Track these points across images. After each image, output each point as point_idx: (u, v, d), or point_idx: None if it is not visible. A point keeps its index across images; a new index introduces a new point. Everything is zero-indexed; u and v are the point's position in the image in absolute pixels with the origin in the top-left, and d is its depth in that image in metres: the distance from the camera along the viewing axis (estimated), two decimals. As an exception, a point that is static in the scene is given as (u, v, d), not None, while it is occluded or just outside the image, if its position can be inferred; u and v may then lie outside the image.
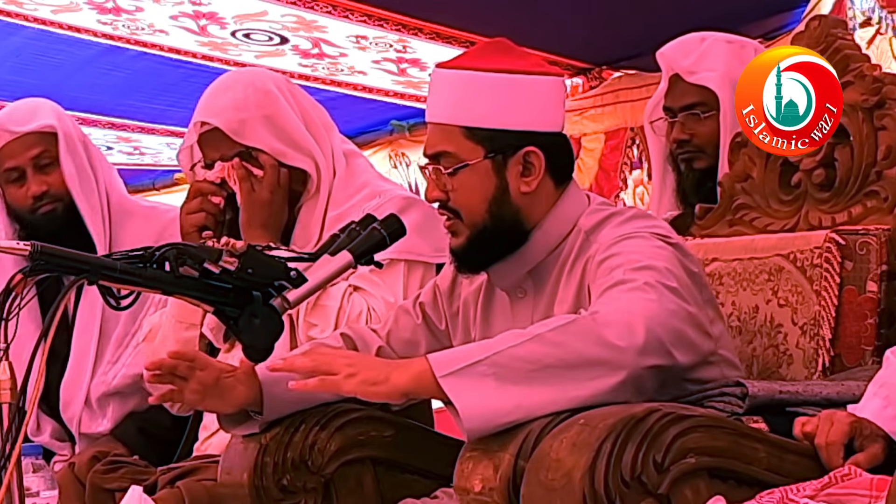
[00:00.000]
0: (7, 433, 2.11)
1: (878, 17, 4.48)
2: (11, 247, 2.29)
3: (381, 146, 7.08)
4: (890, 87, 2.66)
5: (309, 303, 2.91)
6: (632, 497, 1.99)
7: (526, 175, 2.41)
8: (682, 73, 3.37)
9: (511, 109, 2.40)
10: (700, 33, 3.44)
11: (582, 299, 2.37)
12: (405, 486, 2.64)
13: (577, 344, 2.08)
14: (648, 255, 2.27)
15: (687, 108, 3.37)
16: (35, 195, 3.46)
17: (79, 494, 3.21)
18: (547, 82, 2.44)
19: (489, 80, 2.40)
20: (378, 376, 2.12)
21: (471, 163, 2.40)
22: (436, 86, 2.48)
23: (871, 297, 2.58)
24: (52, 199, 3.47)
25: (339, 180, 3.12)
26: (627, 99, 5.89)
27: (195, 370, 2.42)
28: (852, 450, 2.11)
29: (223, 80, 3.16)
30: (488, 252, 2.45)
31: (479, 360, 2.07)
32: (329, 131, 3.17)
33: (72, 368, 3.48)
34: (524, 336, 2.10)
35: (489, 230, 2.42)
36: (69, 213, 3.48)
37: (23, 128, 3.47)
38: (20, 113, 3.52)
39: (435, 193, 2.44)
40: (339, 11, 5.42)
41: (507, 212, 2.41)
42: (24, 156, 3.46)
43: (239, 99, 3.06)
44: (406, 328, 2.63)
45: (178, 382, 2.42)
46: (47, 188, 3.46)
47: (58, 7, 5.49)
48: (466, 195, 2.41)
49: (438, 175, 2.43)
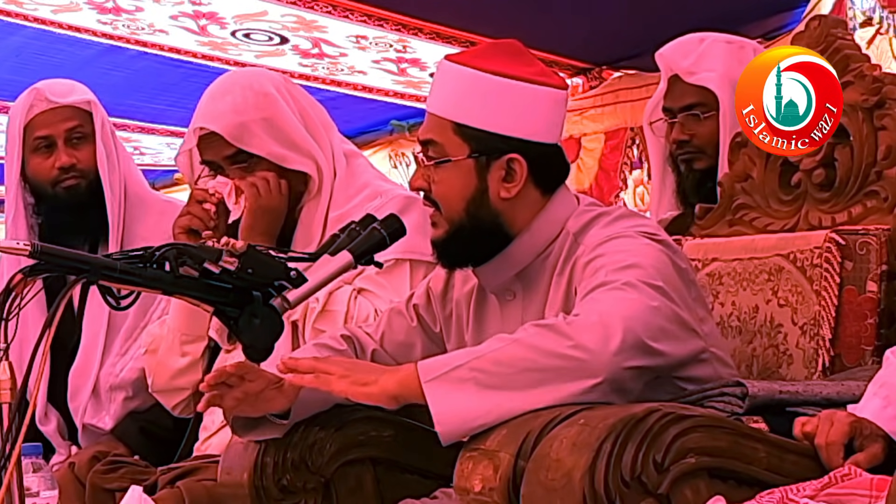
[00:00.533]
0: (7, 433, 2.11)
1: (880, 16, 4.48)
2: (11, 247, 2.29)
3: (381, 146, 7.09)
4: (890, 87, 2.66)
5: (314, 309, 2.92)
6: (632, 497, 1.99)
7: (507, 181, 2.41)
8: (682, 73, 3.37)
9: (503, 114, 2.40)
10: (699, 34, 3.44)
11: (571, 302, 2.37)
12: (405, 486, 2.64)
13: (552, 347, 2.09)
14: (633, 255, 2.27)
15: (686, 109, 3.37)
16: (63, 166, 3.47)
17: (79, 494, 3.21)
18: (546, 93, 2.43)
19: (487, 82, 2.40)
20: (368, 378, 2.19)
21: (454, 159, 2.41)
22: (439, 77, 2.49)
23: (871, 297, 2.58)
24: (78, 174, 3.49)
25: (340, 181, 3.13)
26: (627, 99, 5.88)
27: (244, 380, 2.41)
28: (852, 450, 2.11)
29: (221, 82, 3.16)
30: (466, 249, 2.45)
31: (459, 365, 2.11)
32: (329, 131, 3.17)
33: (80, 358, 3.49)
34: (506, 340, 2.13)
35: (466, 229, 2.43)
36: (90, 191, 3.50)
37: (61, 99, 3.50)
38: (60, 86, 3.56)
39: (418, 182, 2.46)
40: (339, 11, 5.42)
41: (484, 214, 2.42)
42: (59, 126, 3.49)
43: (238, 103, 3.06)
44: (400, 330, 2.63)
45: (223, 389, 2.41)
46: (76, 162, 3.49)
47: (58, 7, 5.50)
48: (445, 190, 2.43)
49: (424, 165, 2.45)
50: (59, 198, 3.49)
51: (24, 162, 3.52)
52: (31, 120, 3.50)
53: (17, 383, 2.14)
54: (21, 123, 3.50)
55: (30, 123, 3.50)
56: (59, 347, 3.44)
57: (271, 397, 2.43)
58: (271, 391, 2.43)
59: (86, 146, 3.50)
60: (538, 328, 2.13)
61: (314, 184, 3.09)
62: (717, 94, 3.30)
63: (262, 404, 2.44)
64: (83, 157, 3.50)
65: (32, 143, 3.50)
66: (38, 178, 3.51)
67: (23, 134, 3.50)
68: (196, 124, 3.09)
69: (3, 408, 2.14)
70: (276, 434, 2.51)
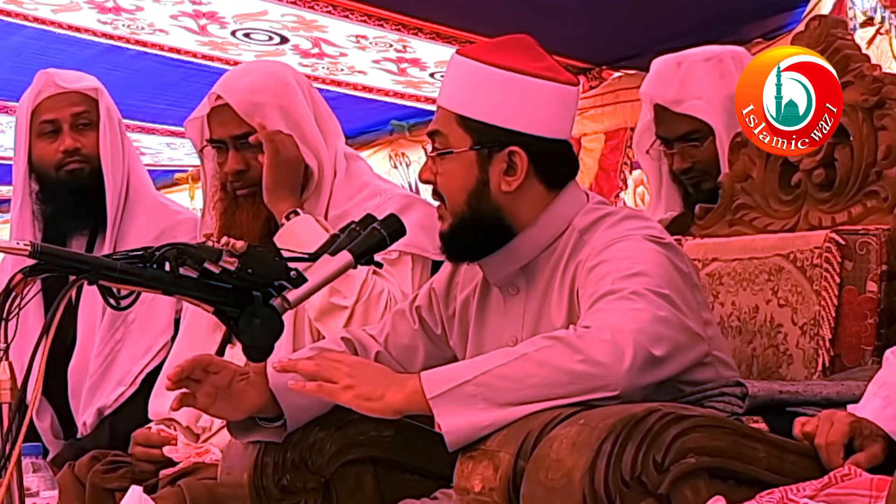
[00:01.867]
0: (7, 433, 2.11)
1: (881, 16, 4.48)
2: (11, 247, 2.29)
3: (381, 146, 7.09)
4: (890, 87, 2.66)
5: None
6: (632, 497, 1.99)
7: (509, 174, 2.41)
8: (669, 105, 3.29)
9: (506, 107, 2.41)
10: (674, 56, 3.35)
11: (572, 301, 2.37)
12: (405, 486, 2.64)
13: (562, 363, 2.09)
14: (639, 260, 2.27)
15: (682, 138, 3.31)
16: (67, 149, 3.49)
17: (79, 494, 3.21)
18: (552, 88, 2.43)
19: (492, 75, 2.41)
20: (374, 392, 2.17)
21: (456, 150, 2.42)
22: (448, 70, 2.51)
23: (871, 297, 2.58)
24: (81, 158, 3.51)
25: (340, 181, 3.15)
26: (627, 99, 5.88)
27: (209, 373, 2.41)
28: (852, 450, 2.11)
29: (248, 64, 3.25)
30: (470, 242, 2.46)
31: (466, 381, 2.10)
32: (336, 139, 3.21)
33: (77, 355, 3.49)
34: (512, 355, 2.12)
35: (468, 221, 2.43)
36: (92, 177, 3.51)
37: (70, 85, 3.53)
38: (68, 73, 3.60)
39: (425, 174, 2.48)
40: (339, 11, 5.42)
41: (485, 206, 2.42)
42: (65, 111, 3.51)
43: (258, 83, 3.10)
44: (404, 334, 2.64)
45: (192, 386, 2.42)
46: (80, 146, 3.50)
47: (58, 7, 5.50)
48: (448, 181, 2.44)
49: (431, 156, 2.47)
50: (62, 181, 3.51)
51: (30, 148, 3.53)
52: (39, 104, 3.52)
53: (17, 383, 2.14)
54: (29, 108, 3.53)
55: (37, 108, 3.52)
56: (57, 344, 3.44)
57: (242, 390, 2.43)
58: (240, 384, 2.43)
59: (91, 132, 3.52)
60: (547, 341, 2.12)
61: (313, 181, 3.10)
62: (708, 121, 3.24)
63: (237, 400, 2.43)
64: (88, 142, 3.52)
65: (38, 127, 3.52)
66: (42, 161, 3.52)
67: (30, 119, 3.52)
68: (214, 91, 3.13)
69: (2, 408, 2.14)
70: (275, 438, 2.52)
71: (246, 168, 3.10)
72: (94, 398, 3.46)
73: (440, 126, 2.45)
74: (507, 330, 2.48)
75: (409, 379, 2.16)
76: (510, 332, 2.47)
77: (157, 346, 3.44)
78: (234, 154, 3.10)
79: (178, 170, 8.31)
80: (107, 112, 3.52)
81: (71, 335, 3.49)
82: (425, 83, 6.29)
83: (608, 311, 2.17)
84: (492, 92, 2.41)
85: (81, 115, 3.52)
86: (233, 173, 3.10)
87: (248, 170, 3.10)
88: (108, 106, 3.54)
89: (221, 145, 3.13)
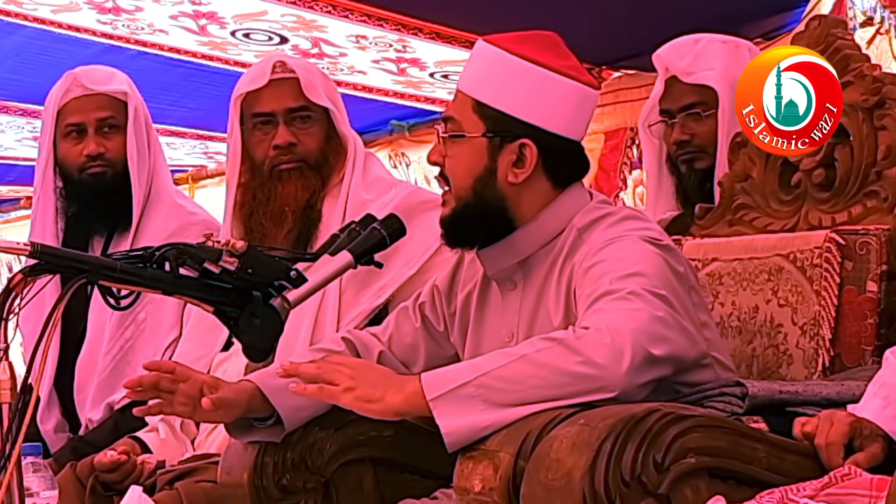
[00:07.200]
0: (7, 433, 2.11)
1: (881, 16, 4.48)
2: (11, 247, 2.30)
3: (381, 146, 7.08)
4: (890, 87, 2.66)
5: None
6: (632, 497, 1.99)
7: (517, 166, 2.42)
8: (680, 74, 3.36)
9: (523, 98, 2.41)
10: (694, 35, 3.43)
11: (568, 299, 2.38)
12: (405, 486, 2.64)
13: (561, 364, 2.09)
14: (637, 261, 2.27)
15: (686, 109, 3.36)
16: (91, 154, 3.49)
17: (79, 494, 3.21)
18: (572, 87, 2.43)
19: (514, 65, 2.42)
20: (374, 394, 2.17)
21: (468, 135, 2.43)
22: (472, 56, 2.52)
23: (871, 297, 2.58)
24: (104, 163, 3.51)
25: (357, 175, 3.23)
26: (627, 99, 5.88)
27: (178, 382, 2.41)
28: (852, 450, 2.11)
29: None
30: (470, 229, 2.46)
31: (466, 382, 2.10)
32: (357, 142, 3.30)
33: (86, 351, 3.49)
34: (512, 356, 2.13)
35: (471, 208, 2.44)
36: (115, 180, 3.51)
37: (98, 87, 3.53)
38: (98, 73, 3.60)
39: (434, 157, 2.49)
40: (338, 11, 5.42)
41: (490, 195, 2.43)
42: (91, 115, 3.51)
43: (316, 74, 3.27)
44: (407, 333, 2.64)
45: (164, 396, 2.41)
46: (104, 151, 3.50)
47: (57, 7, 5.50)
48: (456, 164, 2.45)
49: (441, 139, 2.47)
50: (85, 184, 3.51)
51: (55, 146, 3.54)
52: (65, 105, 3.52)
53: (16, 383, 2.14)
54: (55, 108, 3.53)
55: (63, 108, 3.52)
56: (68, 337, 3.46)
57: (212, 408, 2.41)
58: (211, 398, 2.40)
59: (116, 136, 3.52)
60: (547, 343, 2.13)
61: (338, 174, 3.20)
62: (717, 90, 3.29)
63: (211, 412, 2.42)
64: (112, 146, 3.51)
65: (64, 129, 3.52)
66: (66, 162, 3.53)
67: (55, 118, 3.52)
68: (278, 59, 3.23)
69: (2, 408, 2.14)
70: (274, 438, 2.52)
71: (296, 142, 3.18)
72: (103, 395, 3.45)
73: (454, 111, 2.47)
74: (503, 325, 2.49)
75: (409, 381, 2.17)
76: (506, 328, 2.48)
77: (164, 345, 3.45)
78: (285, 128, 3.18)
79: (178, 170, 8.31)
80: (134, 114, 3.51)
81: (81, 328, 3.50)
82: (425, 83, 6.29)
83: (606, 312, 2.17)
84: (512, 82, 2.41)
85: (107, 120, 3.51)
86: (285, 145, 3.17)
87: (298, 144, 3.19)
88: (137, 107, 3.54)
89: (270, 118, 3.19)
